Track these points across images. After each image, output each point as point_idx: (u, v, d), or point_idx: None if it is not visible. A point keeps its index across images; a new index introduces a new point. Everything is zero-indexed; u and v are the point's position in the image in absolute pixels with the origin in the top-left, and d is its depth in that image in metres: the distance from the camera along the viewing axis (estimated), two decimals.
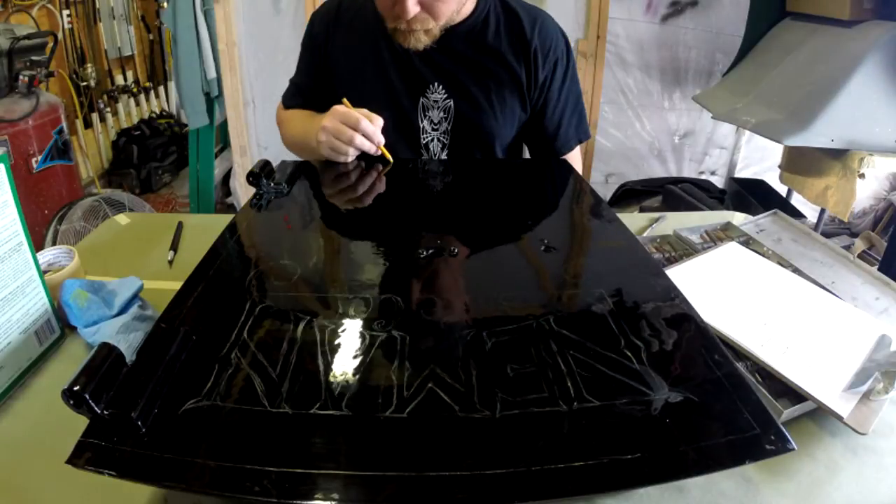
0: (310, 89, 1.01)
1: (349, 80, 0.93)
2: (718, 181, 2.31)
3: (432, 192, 0.86)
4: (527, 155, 1.06)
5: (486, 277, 0.61)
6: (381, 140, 0.85)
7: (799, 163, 1.58)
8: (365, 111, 0.85)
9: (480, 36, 0.89)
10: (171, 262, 0.83)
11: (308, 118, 0.97)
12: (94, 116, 2.88)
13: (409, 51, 0.87)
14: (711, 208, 1.81)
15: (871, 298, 0.71)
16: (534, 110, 0.95)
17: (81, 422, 0.40)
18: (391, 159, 0.89)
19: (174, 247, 0.86)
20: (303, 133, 0.94)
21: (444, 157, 0.96)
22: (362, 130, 0.83)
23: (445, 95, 0.90)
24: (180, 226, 0.92)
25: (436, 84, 0.90)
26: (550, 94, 0.93)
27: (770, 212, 0.91)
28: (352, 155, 0.87)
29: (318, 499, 0.35)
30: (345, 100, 0.88)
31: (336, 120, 0.84)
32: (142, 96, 3.24)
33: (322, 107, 0.98)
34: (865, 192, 1.37)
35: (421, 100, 0.91)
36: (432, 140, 0.94)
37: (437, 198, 0.84)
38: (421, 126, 0.93)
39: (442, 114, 0.91)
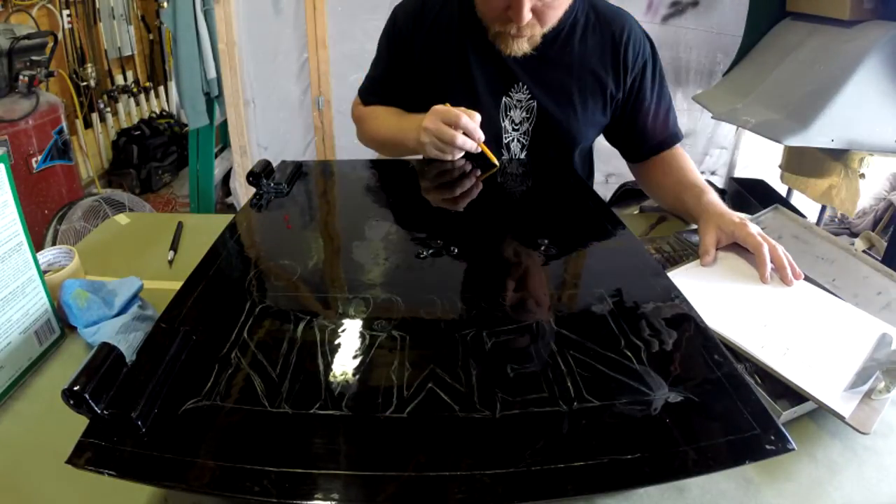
0: (390, 84, 1.00)
1: (432, 76, 0.93)
2: (718, 181, 2.31)
3: (432, 192, 0.86)
4: (599, 159, 1.06)
5: (486, 277, 0.61)
6: (482, 137, 0.85)
7: (799, 163, 1.58)
8: (465, 109, 0.84)
9: (568, 39, 0.89)
10: (171, 262, 0.83)
11: (398, 116, 0.96)
12: (94, 116, 2.88)
13: (495, 50, 0.87)
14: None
15: (874, 294, 0.70)
16: (623, 114, 0.95)
17: (81, 422, 0.40)
18: (496, 161, 0.88)
19: (174, 247, 0.86)
20: (395, 132, 0.94)
21: (523, 157, 0.96)
22: (463, 128, 0.83)
23: (529, 96, 0.91)
24: (180, 226, 0.92)
25: (520, 84, 0.90)
26: (642, 96, 0.93)
27: (770, 207, 0.90)
28: (457, 154, 0.87)
29: (318, 499, 0.35)
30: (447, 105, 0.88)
31: (437, 119, 0.84)
32: (142, 96, 3.24)
33: (401, 102, 0.98)
34: (866, 191, 1.36)
35: (504, 99, 0.91)
36: (513, 140, 0.94)
37: (437, 198, 0.84)
38: (503, 126, 0.93)
39: (524, 114, 0.92)
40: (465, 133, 0.83)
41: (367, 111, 1.03)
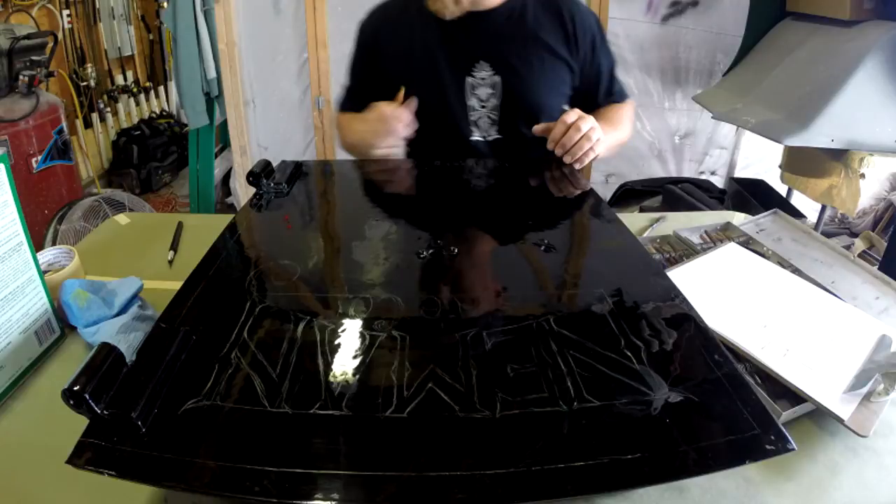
0: (362, 93, 1.03)
1: (399, 68, 0.98)
2: (718, 181, 2.31)
3: (433, 193, 0.86)
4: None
5: (487, 277, 0.61)
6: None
7: (799, 163, 1.58)
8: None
9: (521, 16, 0.95)
10: (171, 262, 0.83)
11: (356, 121, 1.01)
12: (94, 116, 2.88)
13: (454, 34, 0.94)
14: (711, 208, 1.80)
15: (871, 298, 0.70)
16: (585, 82, 1.01)
17: (81, 422, 0.40)
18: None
19: (174, 247, 0.86)
20: (358, 136, 0.99)
21: (494, 133, 0.99)
22: (382, 119, 0.89)
23: (492, 72, 0.95)
24: (180, 226, 0.92)
25: (482, 62, 0.95)
26: (594, 64, 1.00)
27: (770, 211, 0.91)
28: (392, 144, 0.91)
29: (318, 499, 0.35)
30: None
31: (372, 120, 0.91)
32: (142, 96, 3.24)
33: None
34: (866, 192, 1.36)
35: (468, 78, 0.95)
36: (481, 117, 0.98)
37: (437, 198, 0.84)
38: (469, 104, 0.96)
39: (490, 90, 0.95)
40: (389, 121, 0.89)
41: (340, 119, 1.08)
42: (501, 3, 0.94)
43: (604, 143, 0.89)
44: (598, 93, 1.02)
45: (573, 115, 0.86)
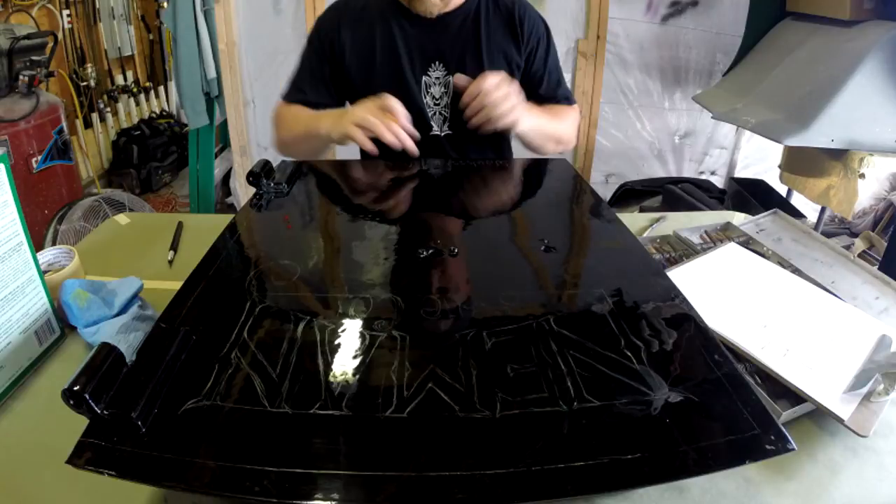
0: (313, 84, 1.03)
1: (360, 65, 1.00)
2: (718, 181, 2.31)
3: (433, 193, 0.86)
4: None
5: (487, 277, 0.61)
6: (408, 133, 0.88)
7: (799, 163, 1.58)
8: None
9: (475, 20, 0.99)
10: (171, 262, 0.83)
11: (314, 112, 1.00)
12: (94, 116, 2.88)
13: (413, 34, 0.97)
14: (711, 208, 1.80)
15: (871, 298, 0.70)
16: (524, 82, 1.02)
17: (81, 422, 0.40)
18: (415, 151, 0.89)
19: (174, 247, 0.86)
20: (311, 123, 0.97)
21: (446, 128, 1.02)
22: (393, 111, 0.87)
23: (445, 72, 0.99)
24: (180, 226, 0.92)
25: (437, 63, 0.99)
26: (537, 65, 1.04)
27: (770, 211, 0.91)
28: (386, 135, 0.87)
29: (318, 499, 0.35)
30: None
31: (373, 104, 0.89)
32: (142, 96, 3.24)
33: (322, 104, 1.02)
34: (865, 192, 1.36)
35: (423, 78, 1.00)
36: (435, 114, 1.02)
37: (437, 198, 0.84)
38: (425, 101, 1.01)
39: (442, 89, 1.00)
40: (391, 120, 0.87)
41: (283, 110, 1.06)
42: (458, 6, 0.97)
43: (525, 117, 0.90)
44: (539, 89, 1.04)
45: (494, 76, 0.87)
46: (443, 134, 1.03)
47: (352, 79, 1.00)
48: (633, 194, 2.17)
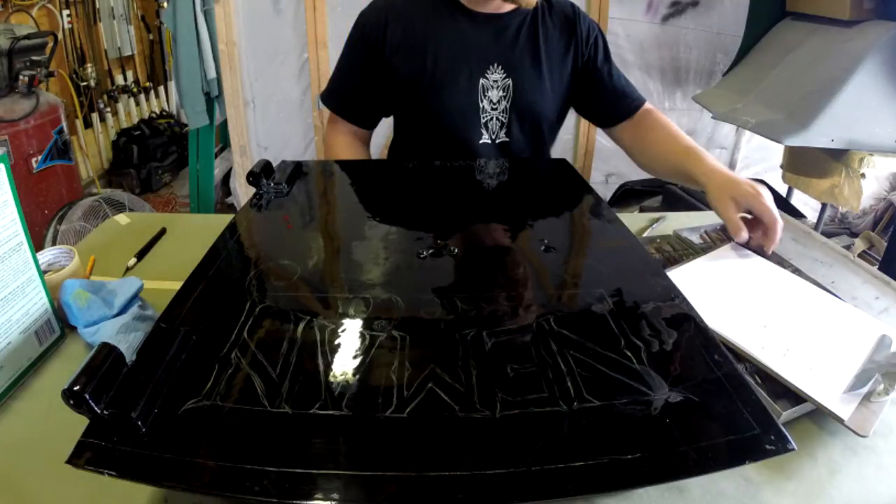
0: (354, 86, 1.02)
1: (409, 68, 0.95)
2: None
3: (433, 193, 0.86)
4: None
5: (486, 277, 0.61)
6: None
7: (800, 162, 1.58)
8: None
9: (532, 22, 0.96)
10: (128, 269, 0.80)
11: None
12: (94, 116, 2.88)
13: (471, 33, 0.94)
14: (711, 208, 1.80)
15: (871, 298, 0.70)
16: (587, 81, 1.01)
17: (81, 422, 0.40)
18: None
19: (140, 255, 0.84)
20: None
21: (502, 135, 0.99)
22: None
23: (504, 75, 0.95)
24: (162, 232, 0.91)
25: (495, 65, 0.95)
26: (600, 62, 1.01)
27: None
28: None
29: (318, 499, 0.35)
30: None
31: None
32: (142, 96, 3.24)
33: (363, 106, 1.03)
34: (865, 192, 1.36)
35: (481, 80, 0.95)
36: (492, 119, 0.97)
37: (438, 198, 0.84)
38: (482, 106, 0.96)
39: (501, 93, 0.96)
40: None
41: (332, 140, 1.07)
42: (514, 9, 0.94)
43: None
44: (607, 84, 1.01)
45: (769, 200, 0.73)
46: (498, 141, 0.98)
47: (399, 77, 0.95)
48: (633, 194, 2.17)
